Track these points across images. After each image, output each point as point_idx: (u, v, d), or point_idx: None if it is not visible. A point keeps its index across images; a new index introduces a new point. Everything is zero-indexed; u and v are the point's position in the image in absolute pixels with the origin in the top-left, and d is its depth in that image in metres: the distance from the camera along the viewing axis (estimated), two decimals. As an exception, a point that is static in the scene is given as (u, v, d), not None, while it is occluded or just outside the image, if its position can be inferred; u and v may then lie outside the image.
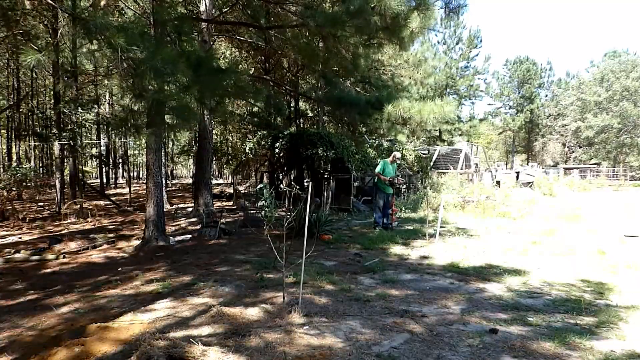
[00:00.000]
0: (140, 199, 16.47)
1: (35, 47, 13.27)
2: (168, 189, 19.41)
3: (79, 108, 14.66)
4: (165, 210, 9.32)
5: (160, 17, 4.59)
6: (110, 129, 22.48)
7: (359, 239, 7.65)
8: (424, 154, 20.94)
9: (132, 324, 3.49)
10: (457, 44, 40.37)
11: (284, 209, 10.39)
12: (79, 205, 12.13)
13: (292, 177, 16.93)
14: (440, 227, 7.82)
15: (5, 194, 12.05)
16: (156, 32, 5.03)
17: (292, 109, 18.85)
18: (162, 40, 4.60)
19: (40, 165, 27.18)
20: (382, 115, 8.00)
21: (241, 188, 20.17)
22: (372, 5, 4.82)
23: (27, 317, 3.88)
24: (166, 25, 4.63)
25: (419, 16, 5.37)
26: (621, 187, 26.86)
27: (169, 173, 35.47)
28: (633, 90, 40.67)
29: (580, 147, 47.00)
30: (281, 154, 14.68)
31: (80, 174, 16.91)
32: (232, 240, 8.01)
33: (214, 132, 18.29)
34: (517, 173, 25.86)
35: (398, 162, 8.94)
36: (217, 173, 40.60)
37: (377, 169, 8.79)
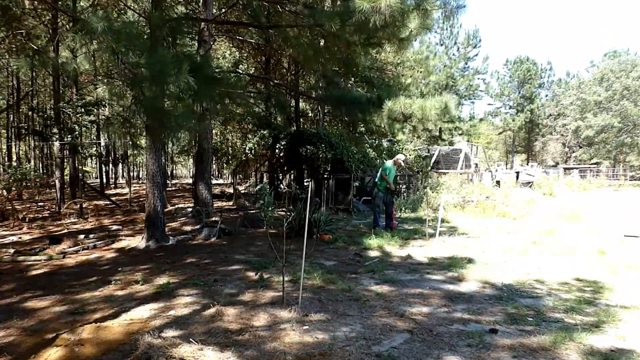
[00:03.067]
0: (141, 199, 16.47)
1: (35, 47, 13.28)
2: (168, 189, 19.43)
3: (80, 109, 14.66)
4: (165, 210, 9.32)
5: (153, 23, 4.56)
6: (109, 129, 22.48)
7: (358, 239, 7.65)
8: (424, 154, 20.94)
9: (131, 324, 3.49)
10: (455, 43, 40.36)
11: (284, 209, 10.39)
12: (78, 205, 12.13)
13: (292, 177, 16.93)
14: (440, 227, 7.82)
15: (5, 193, 12.05)
16: (152, 36, 5.00)
17: (292, 108, 18.85)
18: (158, 44, 4.57)
19: (40, 165, 27.19)
20: (383, 112, 7.97)
21: (241, 188, 20.16)
22: (372, 4, 4.81)
23: (26, 317, 3.88)
24: (160, 29, 4.59)
25: (418, 16, 5.35)
26: (621, 187, 26.85)
27: (169, 173, 35.46)
28: (633, 89, 40.65)
29: (580, 147, 46.99)
30: (281, 154, 14.67)
31: (80, 174, 16.91)
32: (232, 240, 8.01)
33: (214, 132, 18.28)
34: (517, 173, 25.87)
35: (403, 165, 8.92)
36: (217, 173, 40.62)
37: (386, 173, 8.68)
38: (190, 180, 31.41)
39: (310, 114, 21.44)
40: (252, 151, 16.82)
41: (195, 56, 6.26)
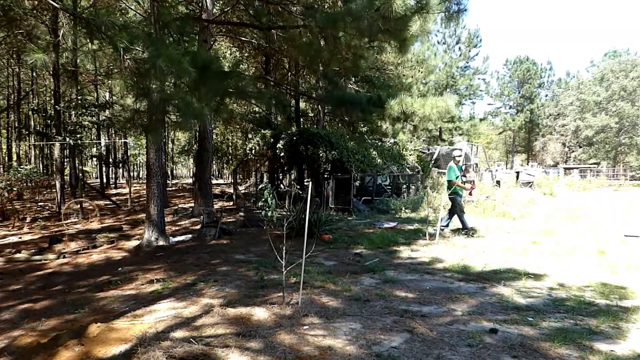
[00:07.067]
0: (141, 199, 16.48)
1: (36, 47, 13.28)
2: (168, 188, 19.44)
3: (84, 110, 14.69)
4: (165, 210, 9.33)
5: (164, 19, 4.62)
6: (110, 130, 22.51)
7: (359, 239, 7.65)
8: (424, 153, 20.94)
9: (132, 324, 3.50)
10: (457, 43, 40.30)
11: (284, 209, 10.40)
12: (79, 205, 12.14)
13: (292, 177, 16.94)
14: (440, 227, 7.82)
15: (6, 194, 12.06)
16: (157, 33, 5.04)
17: (293, 109, 18.90)
18: (164, 40, 4.62)
19: (40, 165, 27.20)
20: (384, 112, 7.98)
21: (241, 188, 20.17)
22: (376, 8, 4.82)
23: (28, 317, 3.89)
24: (169, 26, 4.65)
25: (419, 19, 5.37)
26: (621, 187, 26.86)
27: (169, 173, 35.46)
28: (631, 89, 40.62)
29: (580, 147, 46.98)
30: (281, 154, 14.69)
31: (80, 174, 16.92)
32: (232, 240, 8.02)
33: (214, 132, 18.30)
34: (517, 173, 25.86)
35: (458, 159, 8.31)
36: (217, 173, 40.62)
37: (454, 178, 8.11)
38: (190, 180, 31.41)
39: (310, 114, 21.47)
40: (253, 151, 16.82)
41: (203, 53, 6.29)
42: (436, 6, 5.40)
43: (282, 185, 16.38)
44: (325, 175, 13.46)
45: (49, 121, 16.27)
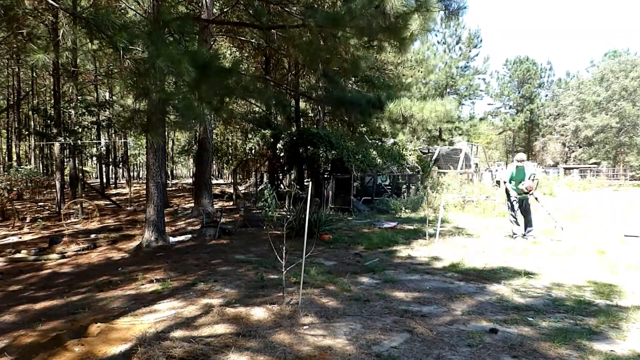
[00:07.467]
0: (141, 199, 16.48)
1: (36, 47, 13.28)
2: (168, 188, 19.44)
3: (84, 110, 14.69)
4: (165, 210, 9.32)
5: (164, 18, 4.63)
6: (110, 130, 22.52)
7: (359, 239, 7.65)
8: (424, 153, 20.94)
9: (132, 325, 3.50)
10: (457, 43, 40.34)
11: (284, 209, 10.40)
12: (79, 205, 12.14)
13: (292, 177, 16.95)
14: (441, 227, 7.82)
15: (6, 194, 12.07)
16: (157, 32, 5.04)
17: (293, 109, 18.92)
18: (164, 40, 4.62)
19: (40, 165, 27.22)
20: (383, 114, 7.99)
21: (241, 188, 20.17)
22: (376, 5, 4.83)
23: (28, 317, 3.89)
24: (169, 25, 4.66)
25: (419, 17, 5.37)
26: (621, 187, 26.85)
27: (169, 173, 35.47)
28: (632, 89, 40.62)
29: (580, 147, 46.97)
30: (281, 154, 14.70)
31: (80, 174, 16.93)
32: (232, 240, 8.02)
33: (214, 132, 18.31)
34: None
35: (520, 164, 7.62)
36: (217, 173, 40.62)
37: (506, 177, 7.77)
38: (190, 180, 31.42)
39: (310, 114, 21.48)
40: (253, 151, 16.84)
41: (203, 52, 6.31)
42: (435, 4, 5.41)
43: (282, 186, 16.38)
44: (325, 175, 13.46)
45: (49, 121, 16.27)
